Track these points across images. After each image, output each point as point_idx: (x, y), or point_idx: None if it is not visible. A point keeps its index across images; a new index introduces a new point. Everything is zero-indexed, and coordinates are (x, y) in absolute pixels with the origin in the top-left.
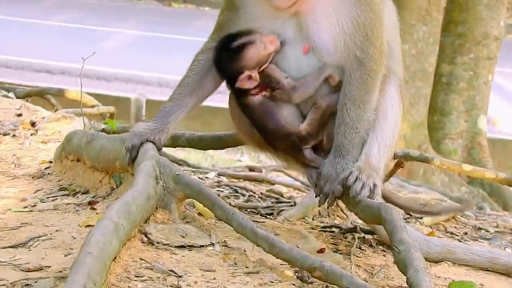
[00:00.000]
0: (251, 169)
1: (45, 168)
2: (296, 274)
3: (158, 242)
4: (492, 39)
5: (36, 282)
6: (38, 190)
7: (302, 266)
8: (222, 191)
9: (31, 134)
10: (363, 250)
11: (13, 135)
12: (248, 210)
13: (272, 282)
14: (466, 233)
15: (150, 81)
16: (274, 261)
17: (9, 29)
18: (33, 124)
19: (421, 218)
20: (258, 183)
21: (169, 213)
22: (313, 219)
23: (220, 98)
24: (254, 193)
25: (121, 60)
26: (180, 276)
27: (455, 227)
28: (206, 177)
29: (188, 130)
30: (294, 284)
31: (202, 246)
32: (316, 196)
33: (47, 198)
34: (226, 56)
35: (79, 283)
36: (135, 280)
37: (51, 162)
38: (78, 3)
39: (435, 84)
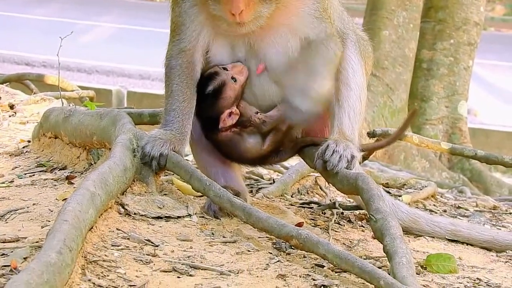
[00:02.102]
0: None
1: (23, 147)
2: (274, 245)
3: (135, 213)
4: (472, 24)
5: (12, 251)
6: (16, 167)
7: (279, 235)
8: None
9: (10, 116)
10: (342, 225)
11: None
12: None
13: (249, 251)
14: (445, 211)
15: (131, 73)
16: (251, 232)
17: None
18: (11, 106)
19: (399, 196)
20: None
21: (146, 186)
22: (292, 196)
23: None
24: None
25: (102, 53)
26: (157, 246)
27: (434, 205)
28: (187, 159)
29: None
30: (271, 253)
31: (179, 217)
32: None
33: (25, 174)
34: (203, 103)
35: (54, 249)
36: (111, 249)
37: (29, 141)
38: None
39: (416, 70)
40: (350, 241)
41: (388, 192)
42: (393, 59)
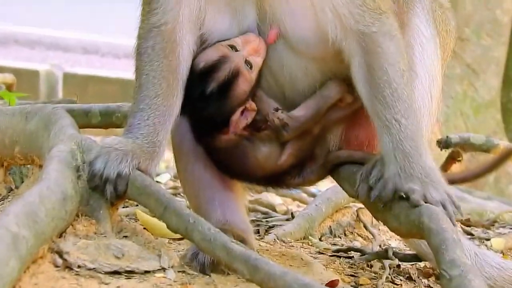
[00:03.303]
0: None
1: None
2: None
3: (79, 266)
4: None
5: None
6: None
7: None
8: (180, 202)
9: None
10: (398, 284)
11: None
12: None
13: None
14: None
15: (69, 45)
16: None
17: None
18: None
19: (488, 239)
20: None
21: (97, 223)
22: (320, 239)
23: None
24: None
25: (26, 13)
26: None
27: None
28: (157, 182)
29: None
30: None
31: (147, 272)
32: None
33: None
34: (207, 105)
35: None
36: None
37: None
38: None
39: None
40: None
41: (471, 234)
42: (478, 26)
